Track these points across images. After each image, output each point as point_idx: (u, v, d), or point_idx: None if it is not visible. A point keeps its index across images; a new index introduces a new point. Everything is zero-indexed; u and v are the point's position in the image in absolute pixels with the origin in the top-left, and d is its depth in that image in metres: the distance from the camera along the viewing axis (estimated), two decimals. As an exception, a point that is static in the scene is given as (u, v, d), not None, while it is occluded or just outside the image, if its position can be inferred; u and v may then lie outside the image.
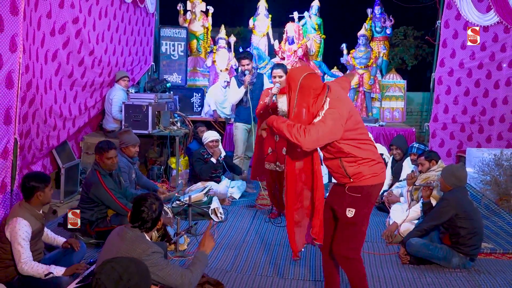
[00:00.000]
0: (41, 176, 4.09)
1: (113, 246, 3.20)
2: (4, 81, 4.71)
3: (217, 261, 4.78)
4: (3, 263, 3.90)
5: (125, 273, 2.28)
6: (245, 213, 6.37)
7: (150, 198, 3.32)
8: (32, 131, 5.64)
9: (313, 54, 10.33)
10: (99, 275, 2.27)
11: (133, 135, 6.03)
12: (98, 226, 5.03)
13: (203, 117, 9.08)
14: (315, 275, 4.51)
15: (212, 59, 9.93)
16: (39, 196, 4.00)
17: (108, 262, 2.33)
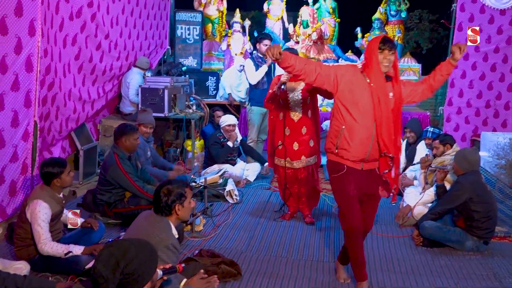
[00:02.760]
0: (57, 162, 4.08)
1: (136, 227, 3.21)
2: (23, 64, 4.75)
3: (232, 242, 4.81)
4: (24, 242, 3.96)
5: (123, 259, 2.19)
6: (260, 195, 6.39)
7: (167, 184, 3.27)
8: (52, 114, 5.69)
9: (327, 37, 10.24)
10: (96, 262, 2.21)
11: (149, 116, 6.06)
12: (116, 207, 5.08)
13: (218, 100, 9.07)
14: (329, 256, 4.52)
15: (227, 43, 9.89)
16: (56, 182, 4.04)
17: (107, 247, 2.26)
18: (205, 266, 3.75)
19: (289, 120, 5.15)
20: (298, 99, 5.07)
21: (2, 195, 4.70)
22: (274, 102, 5.19)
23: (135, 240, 2.36)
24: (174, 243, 3.08)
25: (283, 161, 5.24)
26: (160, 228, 3.11)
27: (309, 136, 5.17)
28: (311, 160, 5.22)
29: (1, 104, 4.54)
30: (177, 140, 8.26)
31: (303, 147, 5.17)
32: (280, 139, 5.21)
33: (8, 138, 4.69)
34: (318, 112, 5.32)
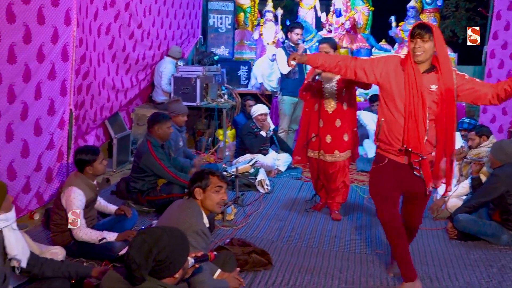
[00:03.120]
0: (89, 150, 4.14)
1: (169, 214, 3.25)
2: (59, 54, 4.83)
3: (263, 231, 4.82)
4: (60, 228, 4.05)
5: (155, 246, 2.23)
6: (291, 185, 6.38)
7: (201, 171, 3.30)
8: (86, 102, 5.78)
9: (361, 26, 10.09)
10: (130, 248, 2.25)
11: (182, 105, 6.13)
12: (148, 195, 5.14)
13: (249, 90, 9.06)
14: (360, 247, 4.49)
15: (259, 32, 9.85)
16: (89, 170, 4.09)
17: (140, 234, 2.29)
18: (236, 255, 3.77)
19: (323, 111, 5.02)
20: (333, 90, 4.96)
21: (39, 182, 4.80)
22: (309, 93, 5.09)
23: (167, 228, 2.39)
24: (203, 229, 3.10)
25: (317, 153, 5.13)
26: (190, 213, 3.14)
27: (344, 129, 5.02)
28: (343, 155, 5.06)
29: (38, 92, 4.63)
30: (209, 129, 8.30)
31: (337, 141, 5.03)
32: (314, 131, 5.10)
33: (44, 126, 4.78)
34: (355, 105, 5.15)
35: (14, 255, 2.85)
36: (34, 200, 4.77)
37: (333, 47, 5.05)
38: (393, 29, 9.39)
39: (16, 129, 4.38)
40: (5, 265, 2.87)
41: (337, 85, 4.94)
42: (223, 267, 3.37)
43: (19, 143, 4.46)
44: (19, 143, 4.46)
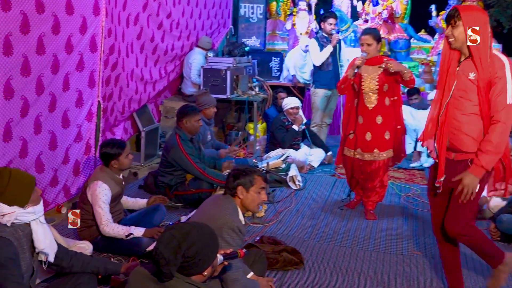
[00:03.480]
0: (115, 143, 4.18)
1: (204, 209, 3.28)
2: (88, 44, 4.90)
3: (294, 229, 4.81)
4: (86, 223, 4.10)
5: (184, 242, 2.24)
6: (323, 181, 6.35)
7: (243, 167, 3.32)
8: (115, 94, 5.85)
9: (399, 16, 9.96)
10: (158, 244, 2.27)
11: (211, 97, 6.15)
12: (177, 190, 5.19)
13: (281, 82, 9.04)
14: (396, 248, 4.44)
15: (291, 22, 9.81)
16: (114, 164, 4.13)
17: (169, 229, 2.31)
18: (266, 253, 3.78)
19: (362, 107, 4.91)
20: (373, 85, 4.83)
21: (67, 175, 4.89)
22: (347, 87, 4.98)
23: (196, 224, 2.40)
24: (240, 226, 3.12)
25: (352, 152, 5.03)
26: (227, 210, 3.16)
27: (385, 127, 4.90)
28: (384, 155, 4.95)
29: (67, 84, 4.71)
30: (239, 123, 8.32)
31: (377, 138, 4.91)
32: (352, 128, 5.00)
33: (72, 118, 4.87)
34: (400, 102, 5.01)
35: (41, 249, 2.90)
36: (62, 194, 4.87)
37: (377, 39, 4.84)
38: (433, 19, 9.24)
39: (44, 121, 4.47)
40: (33, 259, 2.93)
41: (379, 80, 4.81)
42: (253, 266, 3.38)
43: (47, 135, 4.55)
44: (47, 135, 4.55)
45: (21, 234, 2.83)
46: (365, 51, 4.82)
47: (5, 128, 4.00)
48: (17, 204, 2.80)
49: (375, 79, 4.83)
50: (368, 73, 4.85)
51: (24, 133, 4.23)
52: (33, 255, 2.93)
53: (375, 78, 4.83)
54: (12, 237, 2.77)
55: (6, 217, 2.78)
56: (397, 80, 4.82)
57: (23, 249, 2.82)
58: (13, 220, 2.79)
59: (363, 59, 4.80)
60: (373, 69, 4.83)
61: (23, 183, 2.84)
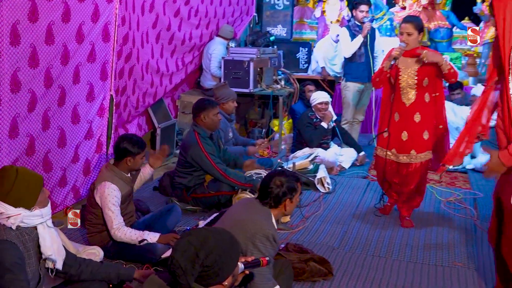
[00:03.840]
0: (137, 141, 4.18)
1: (233, 214, 3.29)
2: (100, 33, 4.93)
3: (322, 236, 4.79)
4: (96, 228, 4.15)
5: (202, 250, 2.23)
6: (355, 184, 6.31)
7: (279, 174, 3.32)
8: (128, 87, 5.89)
9: (440, 2, 9.83)
10: (174, 252, 2.26)
11: (230, 89, 6.14)
12: (195, 192, 5.20)
13: (310, 75, 9.01)
14: (436, 258, 4.39)
15: (321, 9, 9.75)
16: (128, 162, 4.14)
17: (185, 236, 2.31)
18: (292, 262, 3.77)
19: (399, 103, 4.84)
20: (412, 80, 4.75)
21: (76, 175, 4.94)
22: (383, 81, 4.93)
23: (214, 229, 2.40)
24: (274, 235, 3.14)
25: (385, 151, 4.98)
26: (262, 216, 3.18)
27: (424, 126, 4.82)
28: (422, 157, 4.86)
29: (77, 76, 4.75)
30: (263, 120, 8.31)
31: (414, 138, 4.83)
32: (386, 125, 4.95)
33: (83, 113, 4.91)
34: (442, 98, 4.93)
35: (49, 255, 2.92)
36: (71, 195, 4.92)
37: (418, 29, 4.75)
38: (478, 5, 9.10)
39: (52, 116, 4.52)
40: (40, 266, 2.95)
41: (418, 74, 4.73)
42: (278, 277, 3.36)
43: (56, 132, 4.60)
44: (55, 132, 4.60)
45: (27, 238, 2.85)
46: (404, 41, 4.74)
47: (12, 123, 4.06)
48: (23, 205, 2.82)
49: (414, 72, 4.75)
50: (406, 66, 4.77)
51: (31, 129, 4.29)
52: (40, 261, 2.95)
53: (414, 72, 4.74)
54: (18, 241, 2.79)
55: (12, 220, 2.79)
56: (439, 73, 4.74)
57: (29, 254, 2.85)
58: (19, 223, 2.81)
59: (401, 50, 4.73)
60: (412, 61, 4.75)
61: (30, 183, 2.86)
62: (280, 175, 3.29)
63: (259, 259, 2.65)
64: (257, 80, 7.56)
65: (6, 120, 4.01)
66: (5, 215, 2.79)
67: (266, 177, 3.33)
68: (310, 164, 6.14)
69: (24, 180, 2.84)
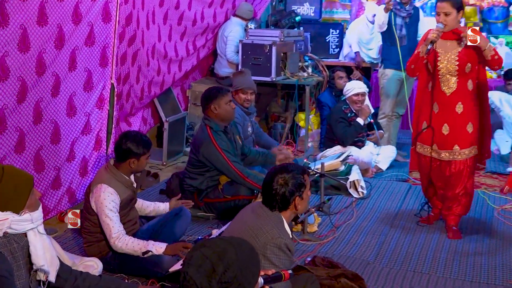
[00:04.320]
0: (142, 140, 4.17)
1: (241, 221, 3.29)
2: (100, 13, 4.97)
3: (355, 248, 4.79)
4: (94, 237, 4.17)
5: (220, 264, 2.20)
6: (394, 189, 6.30)
7: (280, 171, 3.29)
8: (132, 75, 5.92)
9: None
10: (187, 266, 2.24)
11: (248, 79, 6.10)
12: (207, 196, 5.22)
13: (341, 61, 9.00)
14: (488, 276, 4.36)
15: (355, -15, 9.75)
16: (131, 164, 4.15)
17: (198, 248, 2.27)
18: (319, 278, 3.76)
19: (438, 93, 4.87)
20: (452, 66, 4.77)
21: (71, 175, 4.99)
22: (419, 68, 4.94)
23: (232, 240, 2.38)
24: (287, 243, 3.13)
25: (428, 148, 5.00)
26: (271, 222, 3.17)
27: (467, 117, 4.84)
28: (466, 153, 4.88)
29: (73, 62, 4.80)
30: (286, 113, 8.31)
31: (457, 132, 4.86)
32: (426, 119, 4.98)
33: (79, 104, 4.95)
34: (485, 85, 4.96)
35: (40, 265, 2.94)
36: (65, 198, 4.97)
37: (457, 7, 4.73)
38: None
39: (45, 108, 4.57)
40: (31, 278, 2.98)
41: (459, 58, 4.75)
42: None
43: (49, 126, 4.65)
44: (48, 126, 4.64)
45: (16, 246, 2.87)
46: (442, 22, 4.75)
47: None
48: (11, 209, 2.84)
49: (454, 57, 4.77)
50: (445, 50, 4.80)
51: (21, 122, 4.33)
52: (31, 273, 2.97)
53: (455, 56, 4.77)
54: (6, 250, 2.82)
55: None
56: (482, 58, 4.74)
57: (18, 265, 2.87)
58: (6, 229, 2.82)
59: (439, 32, 4.72)
60: (452, 44, 4.77)
61: (19, 184, 2.87)
62: (282, 172, 3.26)
63: (281, 273, 2.65)
64: (280, 67, 7.56)
65: (-8, 112, 4.05)
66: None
67: (267, 177, 3.30)
68: (341, 165, 6.14)
69: (12, 180, 2.85)
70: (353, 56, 8.84)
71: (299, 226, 4.96)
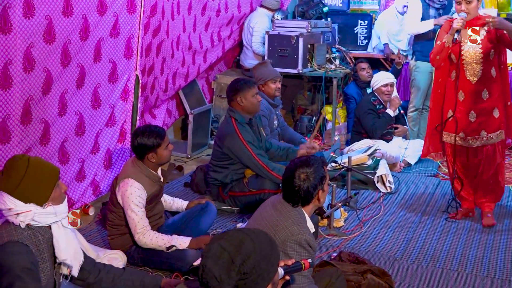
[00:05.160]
0: (152, 132, 4.16)
1: (261, 216, 3.30)
2: (125, 3, 5.00)
3: (383, 244, 4.78)
4: (118, 230, 4.22)
5: (238, 255, 2.23)
6: (423, 183, 6.27)
7: (300, 165, 3.28)
8: (156, 66, 5.95)
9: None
10: (205, 259, 2.26)
11: (271, 68, 6.12)
12: (232, 189, 5.25)
13: (370, 52, 8.95)
14: (519, 274, 4.34)
15: (385, -26, 9.68)
16: (151, 158, 4.16)
17: (216, 240, 2.30)
18: (345, 274, 3.76)
19: (463, 81, 4.94)
20: (477, 53, 4.84)
21: (96, 167, 5.04)
22: (443, 58, 5.00)
23: (249, 231, 2.40)
24: (308, 239, 3.12)
25: (454, 136, 5.06)
26: (292, 218, 3.17)
27: (493, 103, 4.94)
28: (493, 137, 4.99)
29: (98, 53, 4.83)
30: (313, 106, 8.30)
31: (483, 118, 4.96)
32: (451, 107, 5.03)
33: (104, 96, 4.99)
34: (507, 71, 5.09)
35: (63, 259, 2.98)
36: (89, 191, 5.02)
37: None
38: None
39: (70, 99, 4.61)
40: (55, 270, 3.02)
41: (483, 45, 4.83)
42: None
43: (74, 117, 4.70)
44: (73, 117, 4.69)
45: (41, 239, 2.91)
46: (464, 11, 4.82)
47: (24, 107, 4.15)
48: (34, 201, 2.87)
49: (477, 45, 4.85)
50: (469, 38, 4.88)
51: (46, 114, 4.38)
52: (55, 266, 3.01)
53: (478, 44, 4.85)
54: (31, 243, 2.85)
55: (21, 217, 2.85)
56: (505, 42, 4.81)
57: (43, 258, 2.91)
58: (29, 221, 2.86)
59: (463, 21, 4.79)
60: (474, 33, 4.84)
61: (43, 176, 2.90)
62: (302, 166, 3.25)
63: (301, 262, 2.66)
64: (307, 59, 7.55)
65: (18, 104, 4.09)
66: (14, 212, 2.84)
67: (287, 172, 3.29)
68: (368, 159, 6.12)
69: (36, 172, 2.88)
70: (382, 48, 8.78)
71: (325, 221, 4.96)
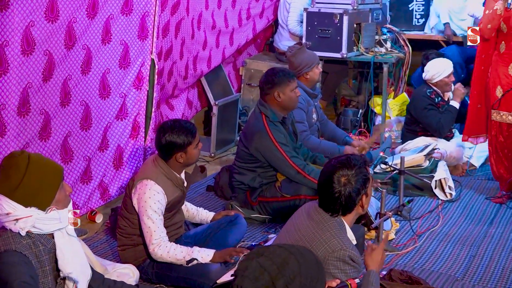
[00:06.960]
0: (183, 128, 4.15)
1: (295, 228, 3.31)
2: (139, -25, 5.02)
3: (441, 261, 4.76)
4: (131, 240, 4.23)
5: (281, 276, 2.22)
6: (488, 189, 6.23)
7: (340, 166, 3.26)
8: (174, 49, 5.97)
9: None
10: (241, 279, 2.26)
11: (310, 52, 6.12)
12: (263, 194, 5.24)
13: (427, 34, 8.91)
14: None
15: None
16: (179, 158, 4.16)
17: (254, 257, 2.29)
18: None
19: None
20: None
21: (104, 167, 5.07)
22: (495, 27, 5.22)
23: (294, 249, 2.39)
24: (351, 255, 3.13)
25: (507, 115, 5.42)
26: (331, 230, 3.18)
27: None
28: None
29: (107, 33, 4.86)
30: (359, 96, 8.28)
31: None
32: (501, 83, 5.35)
33: (114, 83, 5.02)
34: None
35: (68, 273, 2.98)
36: (97, 194, 5.05)
37: None
38: None
39: (74, 87, 4.64)
40: (57, 287, 3.03)
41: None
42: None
43: (78, 108, 4.73)
44: (78, 108, 4.73)
45: (42, 249, 2.93)
46: None
47: (22, 96, 4.18)
48: (36, 204, 2.89)
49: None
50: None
51: (46, 104, 4.42)
52: (57, 281, 3.03)
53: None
54: (30, 253, 2.87)
55: (20, 223, 2.86)
56: None
57: (44, 271, 2.93)
58: (29, 228, 2.88)
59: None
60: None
61: (46, 176, 2.93)
62: (341, 168, 3.22)
63: (347, 283, 2.68)
64: (353, 41, 7.53)
65: (15, 92, 4.11)
66: (13, 217, 2.85)
67: (323, 177, 3.27)
68: (425, 160, 6.08)
69: (38, 171, 2.90)
70: (441, 28, 8.74)
71: (373, 232, 4.96)
